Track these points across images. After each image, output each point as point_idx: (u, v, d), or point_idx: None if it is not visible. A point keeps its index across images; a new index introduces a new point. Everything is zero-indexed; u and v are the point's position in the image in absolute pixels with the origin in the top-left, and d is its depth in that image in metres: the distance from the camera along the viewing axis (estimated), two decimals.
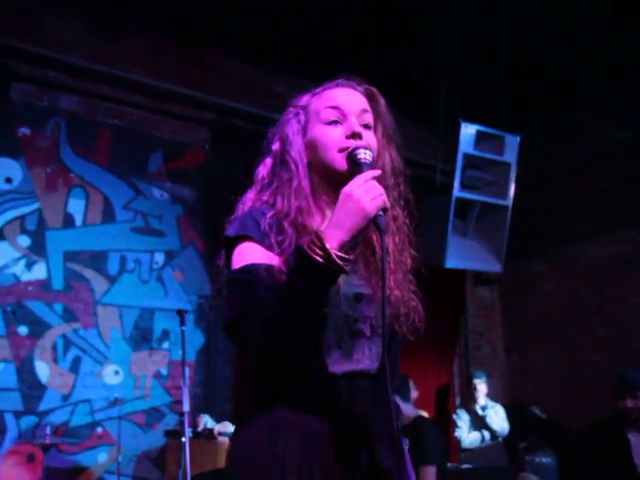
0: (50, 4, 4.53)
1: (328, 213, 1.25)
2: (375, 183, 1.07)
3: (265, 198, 1.26)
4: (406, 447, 1.28)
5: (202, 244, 4.96)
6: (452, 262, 4.13)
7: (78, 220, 4.58)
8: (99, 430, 4.33)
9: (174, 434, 3.96)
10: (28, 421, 4.12)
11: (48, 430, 3.79)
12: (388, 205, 1.07)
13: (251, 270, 1.12)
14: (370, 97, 1.30)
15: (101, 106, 4.73)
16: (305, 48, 4.77)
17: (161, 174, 4.94)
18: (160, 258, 4.83)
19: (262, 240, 1.16)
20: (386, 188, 1.22)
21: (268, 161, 1.32)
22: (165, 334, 4.70)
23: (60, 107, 4.61)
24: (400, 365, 1.37)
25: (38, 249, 4.39)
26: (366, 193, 1.04)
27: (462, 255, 4.20)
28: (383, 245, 1.06)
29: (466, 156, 4.10)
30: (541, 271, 6.27)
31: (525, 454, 4.76)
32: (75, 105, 4.65)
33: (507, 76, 4.87)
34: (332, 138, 1.21)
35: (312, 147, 1.25)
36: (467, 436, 4.94)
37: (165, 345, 4.70)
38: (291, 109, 1.32)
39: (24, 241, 4.37)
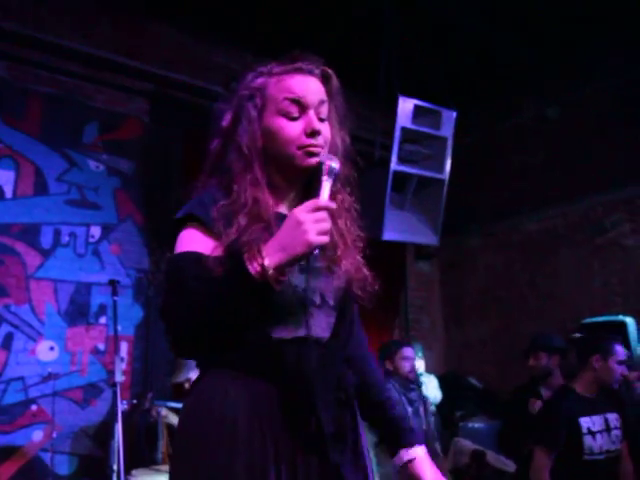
0: None
1: (282, 199, 1.27)
2: (325, 216, 1.07)
3: (215, 182, 1.25)
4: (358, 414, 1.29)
5: (140, 217, 4.86)
6: (389, 234, 4.20)
7: (8, 192, 4.40)
8: (33, 408, 4.22)
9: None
10: None
11: None
12: (326, 241, 1.09)
13: (186, 257, 1.13)
14: (325, 80, 1.29)
15: (31, 73, 4.53)
16: (244, 19, 4.70)
17: (97, 145, 4.80)
18: (96, 231, 4.71)
19: (209, 225, 1.16)
20: None
21: (219, 141, 1.29)
22: (102, 309, 4.61)
23: None
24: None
25: None
26: (315, 226, 1.05)
27: (399, 228, 4.27)
28: (307, 277, 1.15)
29: (404, 130, 4.15)
30: (477, 246, 6.47)
31: (459, 421, 4.94)
32: (2, 71, 4.44)
33: (445, 52, 4.94)
34: (291, 134, 1.21)
35: (269, 136, 1.23)
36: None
37: (102, 320, 4.61)
38: (245, 91, 1.27)
39: None
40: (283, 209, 1.27)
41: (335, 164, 1.16)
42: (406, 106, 4.13)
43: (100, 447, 4.31)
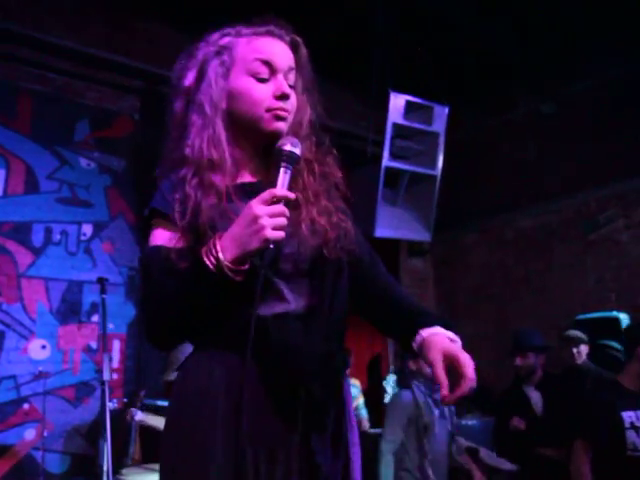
0: None
1: (244, 166, 1.23)
2: (282, 209, 1.04)
3: (173, 146, 1.22)
4: (348, 386, 1.25)
5: (132, 215, 4.84)
6: (382, 231, 4.19)
7: None
8: (25, 406, 4.21)
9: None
10: None
11: None
12: (283, 236, 1.05)
13: (152, 253, 1.14)
14: (295, 48, 1.26)
15: (21, 70, 4.51)
16: (236, 14, 4.67)
17: (88, 143, 4.78)
18: (88, 229, 4.69)
19: (170, 217, 1.14)
20: (302, 138, 1.22)
21: (180, 102, 1.24)
22: (94, 307, 4.58)
23: None
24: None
25: None
26: (271, 221, 1.03)
27: (392, 224, 4.26)
28: (260, 281, 1.06)
29: (395, 126, 4.14)
30: (471, 242, 6.46)
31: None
32: None
33: (438, 47, 4.92)
34: (260, 95, 1.17)
35: (235, 97, 1.19)
36: None
37: (94, 318, 4.59)
38: (211, 47, 1.23)
39: None
40: (247, 177, 1.23)
41: (297, 150, 1.11)
42: (397, 102, 4.12)
43: (92, 446, 4.29)
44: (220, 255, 1.04)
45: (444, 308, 6.71)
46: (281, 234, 1.05)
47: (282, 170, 1.10)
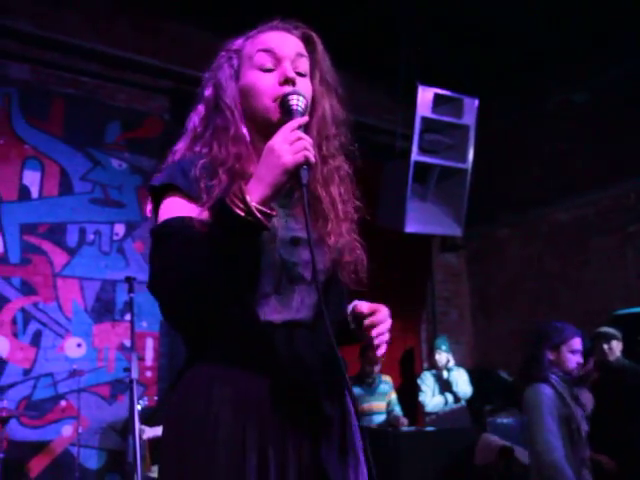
0: None
1: None
2: (300, 134, 1.02)
3: (198, 149, 1.20)
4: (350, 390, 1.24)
5: None
6: (412, 227, 4.14)
7: (34, 192, 4.49)
8: (62, 403, 4.31)
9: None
10: None
11: (10, 404, 3.76)
12: (312, 160, 1.02)
13: (172, 224, 1.07)
14: (307, 41, 1.24)
15: (54, 75, 4.61)
16: (262, 12, 4.67)
17: (119, 144, 4.85)
18: (121, 229, 4.77)
19: (190, 188, 1.11)
20: (326, 138, 1.21)
21: (201, 108, 1.25)
22: (127, 306, 4.63)
23: (10, 77, 4.47)
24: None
25: None
26: (289, 147, 1.00)
27: (422, 220, 4.20)
28: (305, 200, 1.02)
29: (424, 120, 4.08)
30: (505, 236, 6.34)
31: (488, 416, 4.85)
32: (26, 74, 4.52)
33: (466, 39, 4.83)
34: (265, 85, 1.16)
35: (245, 94, 1.19)
36: (430, 400, 5.01)
37: (128, 317, 4.64)
38: (223, 53, 1.26)
39: None
40: None
41: (300, 100, 1.10)
42: (426, 95, 4.05)
43: (127, 442, 4.37)
44: (247, 197, 0.99)
45: (477, 303, 6.61)
46: (301, 156, 1.01)
47: (294, 111, 1.09)
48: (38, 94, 4.56)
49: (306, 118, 1.09)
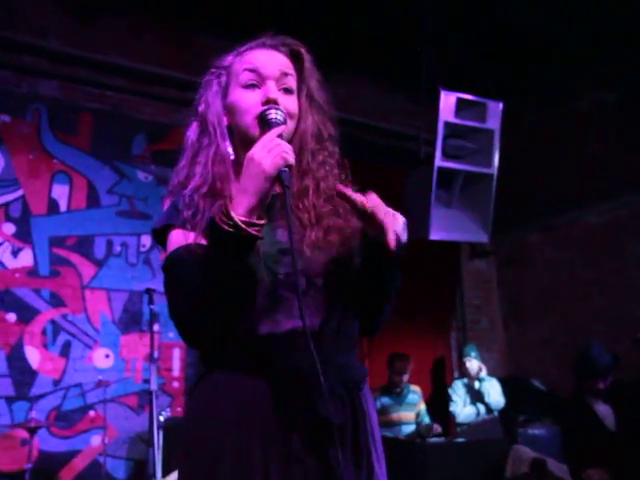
0: None
1: None
2: (278, 141, 1.05)
3: (195, 168, 1.23)
4: (369, 397, 1.22)
5: None
6: (437, 234, 4.06)
7: (63, 205, 4.58)
8: (91, 413, 4.36)
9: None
10: (20, 406, 4.15)
11: (40, 415, 3.82)
12: (291, 161, 1.04)
13: (173, 256, 1.14)
14: (295, 57, 1.26)
15: (81, 90, 4.70)
16: (285, 21, 4.68)
17: (145, 156, 4.92)
18: (147, 241, 4.82)
19: (182, 222, 1.16)
20: (307, 153, 1.23)
21: (195, 125, 1.29)
22: (154, 316, 4.69)
23: (39, 93, 4.59)
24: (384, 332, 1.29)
25: (23, 236, 4.39)
26: (267, 154, 1.02)
27: (447, 226, 4.12)
28: (287, 201, 1.04)
29: (447, 125, 4.01)
30: (536, 241, 6.18)
31: (519, 427, 4.72)
32: (54, 90, 4.63)
33: (490, 41, 4.75)
34: (248, 103, 1.19)
35: (231, 111, 1.22)
36: (462, 410, 4.90)
37: (155, 327, 4.69)
38: (213, 70, 1.29)
39: (9, 228, 4.38)
40: None
41: (278, 114, 1.12)
42: (449, 100, 3.99)
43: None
44: (232, 212, 1.02)
45: (508, 310, 6.46)
46: (280, 160, 1.02)
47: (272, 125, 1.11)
48: (66, 110, 4.67)
49: (284, 127, 1.11)
